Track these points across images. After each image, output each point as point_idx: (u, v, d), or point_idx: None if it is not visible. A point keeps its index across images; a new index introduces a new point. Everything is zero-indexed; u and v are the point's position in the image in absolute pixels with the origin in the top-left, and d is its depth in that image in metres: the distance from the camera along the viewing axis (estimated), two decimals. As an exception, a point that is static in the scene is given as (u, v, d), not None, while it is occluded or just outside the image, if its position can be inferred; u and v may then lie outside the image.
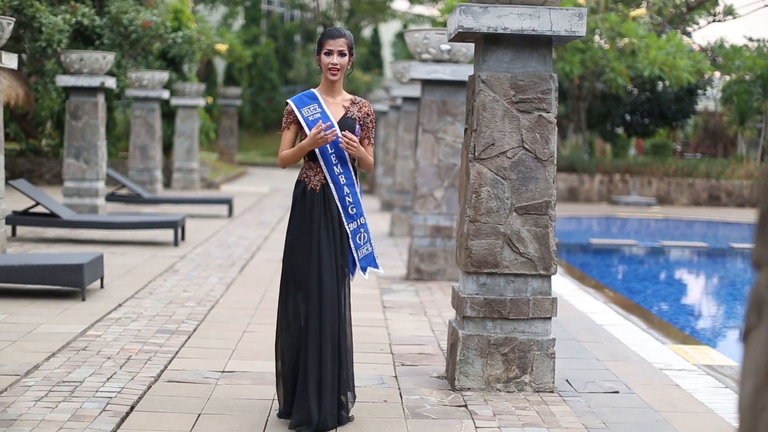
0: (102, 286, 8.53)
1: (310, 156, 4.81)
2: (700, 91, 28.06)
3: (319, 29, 39.33)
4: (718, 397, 5.59)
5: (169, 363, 5.92)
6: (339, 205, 4.77)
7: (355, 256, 4.83)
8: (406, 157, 14.40)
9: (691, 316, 10.95)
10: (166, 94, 20.37)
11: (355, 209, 4.80)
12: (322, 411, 4.61)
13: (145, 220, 11.88)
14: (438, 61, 9.77)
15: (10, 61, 9.36)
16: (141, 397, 5.13)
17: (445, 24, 20.84)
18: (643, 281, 13.42)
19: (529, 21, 5.34)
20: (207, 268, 10.06)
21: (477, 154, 5.50)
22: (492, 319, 5.52)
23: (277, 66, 41.11)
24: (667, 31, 23.42)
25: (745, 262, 14.80)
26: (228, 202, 16.11)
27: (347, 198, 4.78)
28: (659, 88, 27.10)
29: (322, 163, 4.76)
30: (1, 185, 9.29)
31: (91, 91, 14.10)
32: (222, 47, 30.36)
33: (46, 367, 5.69)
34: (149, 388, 5.34)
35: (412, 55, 10.04)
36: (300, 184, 4.81)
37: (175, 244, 11.82)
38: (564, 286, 9.92)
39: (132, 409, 4.92)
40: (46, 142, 23.02)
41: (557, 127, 26.71)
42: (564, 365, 6.13)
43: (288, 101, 4.88)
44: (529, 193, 5.52)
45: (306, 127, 4.79)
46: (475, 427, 4.80)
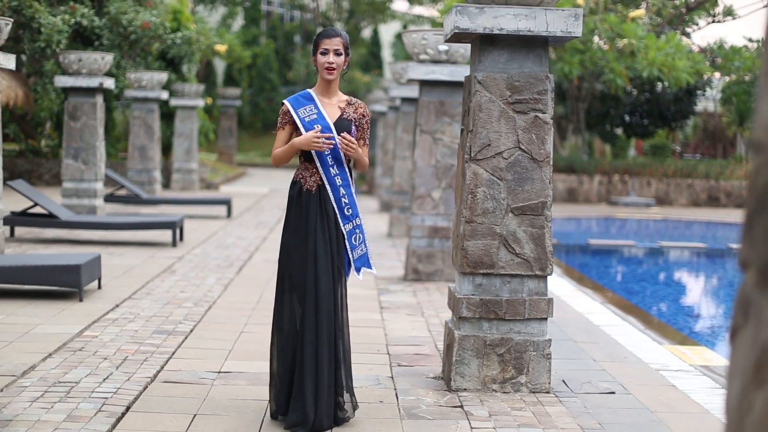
0: (100, 287, 8.53)
1: (306, 157, 4.81)
2: (699, 92, 28.05)
3: (319, 30, 39.29)
4: (715, 398, 5.59)
5: (165, 363, 5.93)
6: (335, 206, 4.76)
7: (351, 256, 4.82)
8: (404, 157, 14.40)
9: (689, 317, 10.95)
10: (165, 95, 20.37)
11: (350, 210, 4.80)
12: (318, 411, 4.61)
13: (144, 221, 11.88)
14: (436, 61, 9.77)
15: (7, 61, 9.37)
16: (137, 398, 5.13)
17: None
18: (641, 282, 13.42)
19: (525, 22, 5.34)
20: (205, 269, 10.06)
21: (473, 155, 5.50)
22: (488, 319, 5.53)
23: (277, 66, 41.11)
24: (666, 31, 23.42)
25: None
26: (227, 203, 16.11)
27: (343, 199, 4.78)
28: (658, 88, 27.09)
29: (318, 164, 4.76)
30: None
31: (90, 91, 14.10)
32: (221, 48, 30.37)
33: (42, 367, 5.69)
34: (145, 388, 5.34)
35: (410, 56, 10.05)
36: (296, 185, 4.81)
37: (174, 244, 11.82)
38: (562, 286, 9.92)
39: (127, 409, 4.92)
40: (46, 143, 23.03)
41: (556, 128, 26.37)
42: (560, 366, 6.13)
43: (284, 101, 4.87)
44: (525, 193, 5.52)
45: (302, 128, 4.78)
46: (471, 427, 4.80)
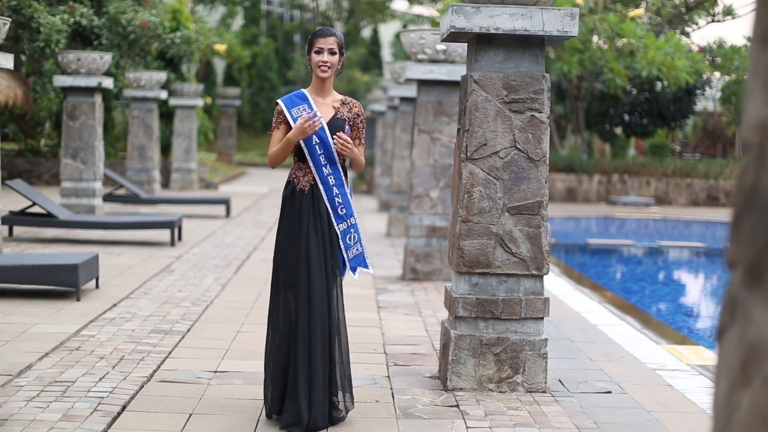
0: (97, 286, 8.53)
1: (300, 156, 4.81)
2: (698, 92, 28.03)
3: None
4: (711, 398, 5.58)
5: (162, 363, 5.93)
6: (328, 205, 4.76)
7: (345, 256, 4.82)
8: (403, 157, 14.40)
9: (687, 317, 10.95)
10: (163, 95, 20.37)
11: (344, 210, 4.80)
12: (312, 411, 4.61)
13: (142, 221, 11.88)
14: (434, 61, 9.77)
15: (5, 61, 9.37)
16: (133, 397, 5.13)
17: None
18: (640, 281, 13.42)
19: (521, 21, 5.34)
20: (203, 269, 10.06)
21: (469, 154, 5.50)
22: (484, 319, 5.53)
23: (277, 66, 41.12)
24: (665, 31, 23.41)
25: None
26: (225, 203, 16.11)
27: (336, 198, 4.77)
28: (658, 88, 27.08)
29: (311, 163, 4.76)
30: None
31: (89, 91, 14.10)
32: (220, 47, 30.36)
33: (38, 367, 5.69)
34: (141, 388, 5.34)
35: (409, 56, 10.04)
36: (289, 185, 4.81)
37: (172, 244, 11.82)
38: (560, 286, 9.91)
39: (123, 409, 4.92)
40: (45, 143, 23.03)
41: (556, 128, 26.36)
42: (557, 365, 6.13)
43: (278, 101, 4.88)
44: (521, 193, 5.52)
45: (295, 128, 4.78)
46: (466, 427, 4.80)
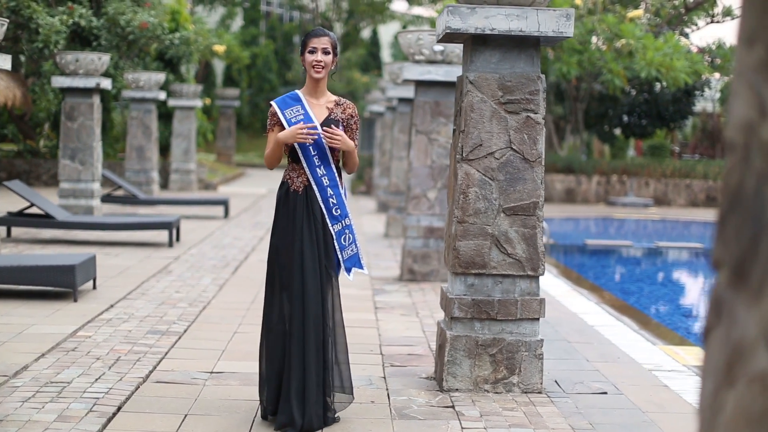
0: (94, 287, 8.53)
1: (293, 157, 4.80)
2: (697, 93, 28.03)
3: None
4: (707, 398, 5.59)
5: (158, 364, 5.93)
6: (322, 206, 4.75)
7: (340, 257, 4.81)
8: (401, 158, 14.41)
9: (685, 317, 10.95)
10: (162, 96, 20.36)
11: (339, 210, 4.79)
12: (306, 412, 4.60)
13: (140, 222, 11.89)
14: (431, 62, 9.77)
15: (4, 62, 9.36)
16: (128, 398, 5.13)
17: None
18: (638, 282, 13.42)
19: (516, 22, 5.34)
20: (200, 269, 10.06)
21: (465, 155, 5.50)
22: (480, 320, 5.53)
23: (276, 67, 41.11)
24: (664, 32, 23.41)
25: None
26: (224, 203, 16.11)
27: (331, 199, 4.77)
28: (657, 89, 27.08)
29: (304, 164, 4.75)
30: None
31: (87, 92, 14.10)
32: (219, 48, 30.36)
33: (34, 367, 5.69)
34: (137, 388, 5.34)
35: (407, 57, 10.05)
36: (283, 186, 4.81)
37: (170, 245, 11.82)
38: (558, 287, 9.91)
39: (119, 409, 4.93)
40: (44, 144, 23.03)
41: (555, 128, 26.39)
42: (553, 366, 6.13)
43: (271, 103, 4.87)
44: (516, 193, 5.52)
45: (288, 130, 4.77)
46: (462, 428, 4.80)
